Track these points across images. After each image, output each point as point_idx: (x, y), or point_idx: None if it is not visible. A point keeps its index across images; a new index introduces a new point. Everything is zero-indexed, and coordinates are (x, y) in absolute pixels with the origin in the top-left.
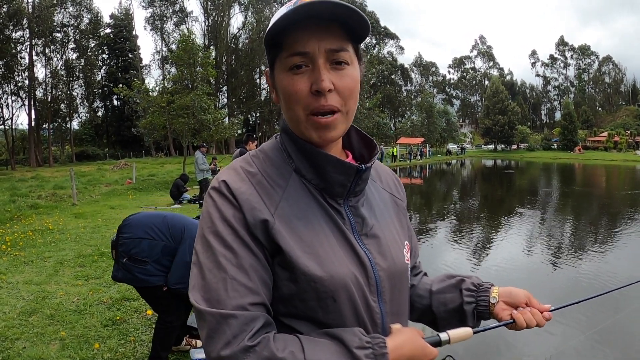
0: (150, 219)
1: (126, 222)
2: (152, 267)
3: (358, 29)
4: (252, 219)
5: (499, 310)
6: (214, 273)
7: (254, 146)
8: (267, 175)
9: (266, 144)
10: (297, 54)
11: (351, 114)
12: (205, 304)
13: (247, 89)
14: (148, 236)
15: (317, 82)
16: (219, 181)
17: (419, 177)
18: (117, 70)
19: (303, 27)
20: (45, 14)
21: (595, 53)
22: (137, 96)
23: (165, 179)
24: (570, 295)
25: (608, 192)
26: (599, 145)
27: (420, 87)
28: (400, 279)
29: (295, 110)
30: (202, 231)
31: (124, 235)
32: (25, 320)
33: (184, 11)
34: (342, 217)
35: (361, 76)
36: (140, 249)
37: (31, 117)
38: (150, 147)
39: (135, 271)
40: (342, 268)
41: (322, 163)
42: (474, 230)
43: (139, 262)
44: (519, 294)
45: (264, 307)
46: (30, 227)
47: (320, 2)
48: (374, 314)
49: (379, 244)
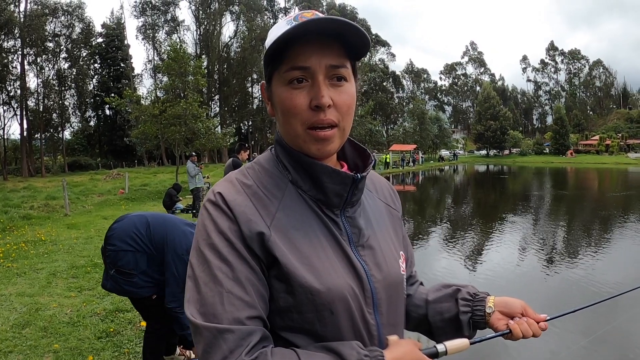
0: (134, 227)
1: (111, 232)
2: (140, 280)
3: (359, 46)
4: (248, 231)
5: (495, 320)
6: (209, 287)
7: (246, 155)
8: (263, 186)
9: (261, 156)
10: (298, 68)
11: (347, 131)
12: (201, 318)
13: (239, 97)
14: (131, 248)
15: (317, 98)
16: (215, 193)
17: (412, 184)
18: (109, 80)
19: (305, 42)
20: (37, 23)
21: (585, 57)
22: (129, 105)
23: (158, 188)
24: (566, 301)
25: (601, 195)
26: (590, 149)
27: (412, 94)
28: (396, 290)
29: (293, 124)
30: (198, 244)
31: (110, 246)
32: (18, 333)
33: (176, 20)
34: (338, 228)
35: (357, 92)
36: (125, 261)
37: (23, 127)
38: (142, 157)
39: (123, 283)
40: (339, 280)
41: (318, 173)
42: (467, 237)
43: (126, 275)
44: (514, 303)
45: (261, 320)
46: (23, 238)
47: (325, 20)
48: (370, 326)
49: (375, 255)
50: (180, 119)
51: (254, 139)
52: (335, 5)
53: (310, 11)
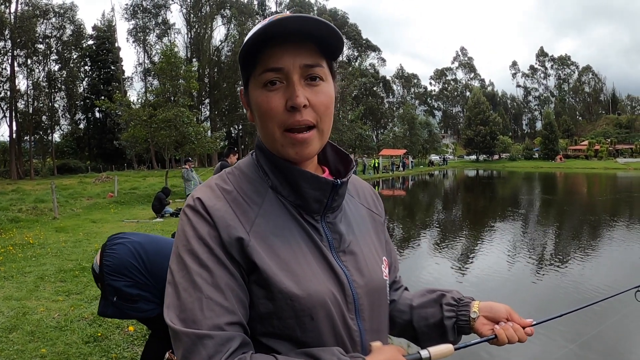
0: (133, 257)
1: (108, 261)
2: (144, 304)
3: (332, 44)
4: (228, 237)
5: (480, 325)
6: (189, 292)
7: (235, 159)
8: (243, 192)
9: (242, 161)
10: (272, 69)
11: (327, 133)
12: (180, 324)
13: (230, 101)
14: (131, 280)
15: (292, 98)
16: (194, 199)
17: (402, 188)
18: (100, 82)
19: (277, 44)
20: (28, 24)
21: (575, 63)
22: (119, 109)
23: (147, 192)
24: (553, 305)
25: (590, 199)
26: (579, 154)
27: (402, 99)
28: (378, 296)
29: (270, 127)
30: (177, 249)
31: (109, 275)
32: (5, 337)
33: (167, 23)
34: (319, 234)
35: (335, 93)
36: (128, 291)
37: (12, 129)
38: (132, 160)
39: (127, 309)
40: (319, 286)
41: (297, 179)
42: (456, 241)
43: (130, 302)
44: (500, 308)
45: (241, 326)
46: (11, 241)
47: (293, 18)
48: (353, 332)
49: (357, 261)
50: (171, 122)
51: (244, 143)
52: (326, 10)
53: (285, 13)
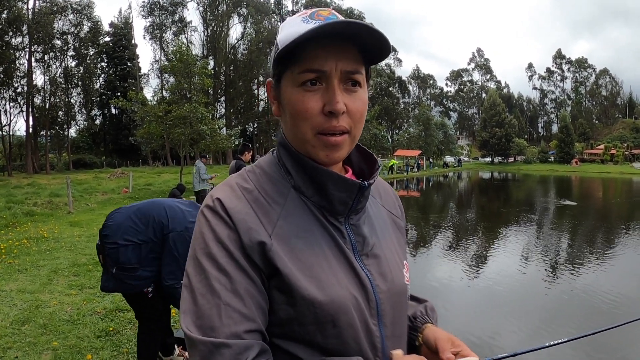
0: (129, 219)
1: (106, 231)
2: (143, 271)
3: (376, 51)
4: (249, 241)
5: (426, 353)
6: (207, 298)
7: (249, 156)
8: (264, 192)
9: (263, 159)
10: (313, 70)
11: (357, 138)
12: (197, 332)
13: (245, 99)
14: (131, 242)
15: (331, 103)
16: (213, 199)
17: (416, 189)
18: (116, 79)
19: (323, 45)
20: (45, 20)
21: (592, 66)
22: (134, 105)
23: (162, 188)
24: (566, 314)
25: (606, 204)
26: (595, 158)
27: (417, 100)
28: (400, 301)
29: (302, 128)
30: (195, 252)
31: (108, 244)
32: (18, 329)
33: (183, 21)
34: (342, 237)
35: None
36: (127, 257)
37: (29, 124)
38: (147, 156)
39: (127, 279)
40: (342, 291)
41: (324, 180)
42: (467, 243)
43: (129, 270)
44: (441, 342)
45: (260, 334)
46: (25, 234)
47: (348, 23)
48: (374, 338)
49: (380, 264)
50: (186, 120)
51: (259, 141)
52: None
53: (327, 9)
